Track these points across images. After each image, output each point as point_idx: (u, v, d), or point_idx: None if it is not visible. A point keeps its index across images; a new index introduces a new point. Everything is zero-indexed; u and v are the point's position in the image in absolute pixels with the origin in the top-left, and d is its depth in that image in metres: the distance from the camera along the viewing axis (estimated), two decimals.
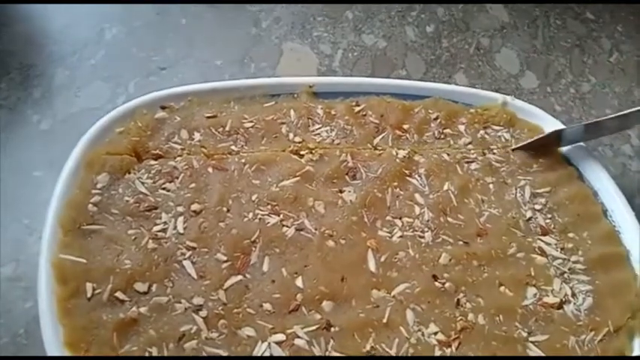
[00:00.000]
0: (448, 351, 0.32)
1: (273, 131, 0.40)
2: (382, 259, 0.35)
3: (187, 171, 0.37)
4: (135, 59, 0.47)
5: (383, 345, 0.31)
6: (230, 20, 0.52)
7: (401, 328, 0.32)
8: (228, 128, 0.40)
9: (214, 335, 0.31)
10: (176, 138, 0.39)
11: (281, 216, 0.36)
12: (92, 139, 0.37)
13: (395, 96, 0.43)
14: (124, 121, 0.39)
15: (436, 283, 0.34)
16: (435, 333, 0.32)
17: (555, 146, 0.41)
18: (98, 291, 0.31)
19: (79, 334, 0.30)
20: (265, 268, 0.33)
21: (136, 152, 0.38)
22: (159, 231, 0.34)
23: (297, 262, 0.34)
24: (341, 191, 0.38)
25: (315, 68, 0.50)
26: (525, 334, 0.33)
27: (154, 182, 0.36)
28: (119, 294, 0.31)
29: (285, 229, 0.35)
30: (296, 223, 0.35)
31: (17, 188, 0.39)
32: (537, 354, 0.32)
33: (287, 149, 0.39)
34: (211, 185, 0.36)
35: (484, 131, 0.42)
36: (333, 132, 0.40)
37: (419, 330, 0.32)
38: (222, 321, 0.31)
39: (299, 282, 0.33)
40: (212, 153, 0.38)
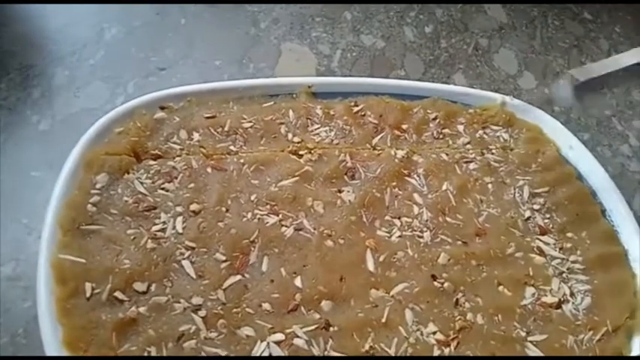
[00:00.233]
0: (447, 350, 0.32)
1: (272, 131, 0.40)
2: (381, 259, 0.35)
3: (186, 171, 0.37)
4: (134, 59, 0.47)
5: (382, 344, 0.31)
6: (229, 21, 0.52)
7: (400, 328, 0.32)
8: (227, 128, 0.40)
9: (213, 335, 0.31)
10: (175, 138, 0.39)
11: (280, 216, 0.36)
12: (91, 140, 0.37)
13: (394, 96, 0.43)
14: (123, 122, 0.39)
15: (435, 283, 0.34)
16: (434, 332, 0.32)
17: None
18: (97, 291, 0.31)
19: (78, 334, 0.30)
20: (264, 268, 0.33)
21: (135, 152, 0.38)
22: (158, 231, 0.34)
23: (296, 262, 0.34)
24: (340, 191, 0.38)
25: (313, 68, 0.50)
26: (524, 334, 0.33)
27: (153, 182, 0.36)
28: (118, 294, 0.31)
29: (284, 229, 0.35)
30: (295, 223, 0.36)
31: (16, 188, 0.39)
32: (536, 353, 0.32)
33: (286, 149, 0.39)
34: (210, 185, 0.36)
35: (483, 131, 0.42)
36: (332, 132, 0.41)
37: (418, 330, 0.32)
38: (221, 321, 0.31)
39: (298, 282, 0.33)
40: (211, 153, 0.38)
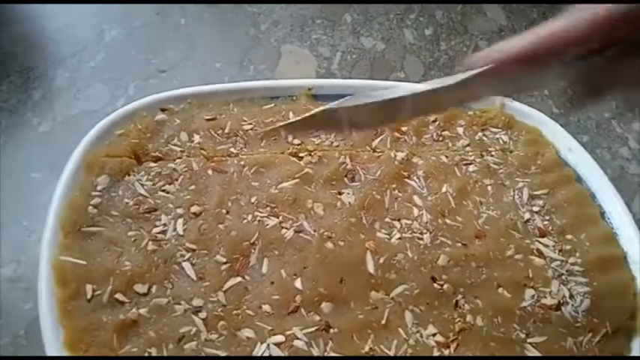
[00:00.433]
0: (446, 352, 0.32)
1: (272, 134, 0.40)
2: (381, 261, 0.35)
3: (187, 173, 0.37)
4: (134, 61, 0.48)
5: (382, 346, 0.31)
6: (229, 22, 0.52)
7: (399, 330, 0.32)
8: (227, 130, 0.40)
9: (214, 336, 0.31)
10: (176, 140, 0.39)
11: (280, 218, 0.36)
12: (92, 142, 0.37)
13: None
14: (124, 124, 0.39)
15: (435, 285, 0.34)
16: (434, 334, 0.32)
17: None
18: (98, 292, 0.31)
19: (79, 335, 0.30)
20: (264, 270, 0.34)
21: (136, 154, 0.38)
22: (158, 233, 0.34)
23: (296, 264, 0.34)
24: (340, 193, 0.38)
25: (313, 71, 0.50)
26: (523, 336, 0.33)
27: (154, 184, 0.36)
28: (119, 295, 0.31)
29: (284, 231, 0.35)
30: (295, 225, 0.36)
31: (17, 190, 0.39)
32: (536, 355, 0.32)
33: (286, 151, 0.39)
34: (211, 187, 0.37)
35: (482, 133, 0.42)
36: (332, 134, 0.41)
37: (417, 331, 0.32)
38: (221, 322, 0.31)
39: (298, 283, 0.33)
40: (211, 155, 0.38)
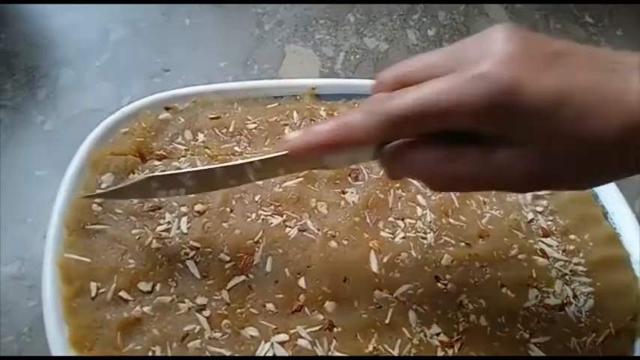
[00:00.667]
0: (450, 352, 0.32)
1: (276, 132, 0.40)
2: (385, 260, 0.35)
3: None
4: (139, 61, 0.48)
5: (385, 345, 0.31)
6: (233, 22, 0.52)
7: (403, 329, 0.32)
8: (231, 129, 0.40)
9: (218, 335, 0.31)
10: (180, 139, 0.39)
11: (284, 216, 0.36)
12: (97, 140, 0.37)
13: None
14: (129, 122, 0.39)
15: (438, 284, 0.34)
16: (438, 334, 0.32)
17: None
18: (102, 290, 0.31)
19: (84, 333, 0.30)
20: (268, 269, 0.34)
21: (140, 153, 0.38)
22: (163, 231, 0.34)
23: (299, 263, 0.34)
24: (343, 192, 0.38)
25: (317, 70, 0.50)
26: (527, 336, 0.33)
27: None
28: (123, 293, 0.31)
29: (288, 230, 0.35)
30: (299, 224, 0.36)
31: (21, 188, 0.39)
32: (539, 355, 0.32)
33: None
34: None
35: None
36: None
37: (421, 331, 0.32)
38: (225, 321, 0.31)
39: (302, 282, 0.33)
40: (216, 154, 0.38)
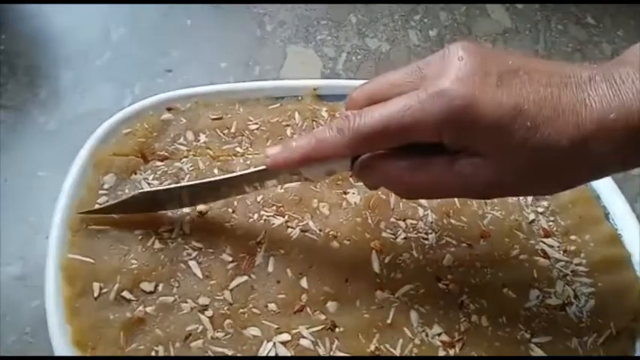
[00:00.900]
0: (452, 352, 0.32)
1: (278, 133, 0.40)
2: (386, 261, 0.35)
3: (193, 172, 0.37)
4: (141, 61, 0.48)
5: (387, 345, 0.32)
6: (235, 23, 0.52)
7: (405, 329, 0.32)
8: (233, 130, 0.40)
9: (220, 335, 0.31)
10: (182, 139, 0.39)
11: (286, 217, 0.36)
12: (99, 140, 0.37)
13: None
14: (131, 123, 0.39)
15: (440, 285, 0.34)
16: (439, 334, 0.32)
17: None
18: (105, 290, 0.31)
19: (87, 333, 0.30)
20: (270, 269, 0.34)
21: (142, 153, 0.38)
22: (165, 231, 0.34)
23: (301, 263, 0.34)
24: (345, 193, 0.38)
25: (319, 71, 0.50)
26: (528, 336, 0.33)
27: (161, 183, 0.36)
28: (126, 293, 0.32)
29: (290, 230, 0.35)
30: (301, 225, 0.36)
31: (23, 188, 0.39)
32: (540, 355, 0.32)
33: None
34: None
35: None
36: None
37: (423, 331, 0.32)
38: (227, 321, 0.31)
39: (304, 282, 0.33)
40: (217, 154, 0.38)
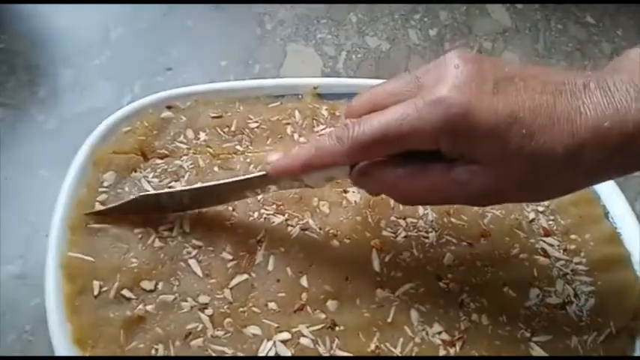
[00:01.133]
0: (452, 350, 0.32)
1: (278, 132, 0.40)
2: (386, 259, 0.35)
3: (193, 170, 0.37)
4: (140, 59, 0.48)
5: (387, 344, 0.32)
6: (235, 21, 0.52)
7: (405, 328, 0.32)
8: (233, 128, 0.40)
9: (220, 333, 0.31)
10: (182, 138, 0.39)
11: (286, 215, 0.36)
12: (99, 138, 0.37)
13: None
14: (130, 121, 0.39)
15: (440, 284, 0.34)
16: (439, 332, 0.32)
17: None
18: (105, 289, 0.31)
19: (87, 331, 0.30)
20: (270, 268, 0.34)
21: (142, 151, 0.38)
22: (165, 230, 0.34)
23: (301, 262, 0.34)
24: (345, 191, 0.38)
25: (319, 70, 0.50)
26: (528, 334, 0.33)
27: (160, 181, 0.36)
28: (126, 292, 0.31)
29: (290, 229, 0.35)
30: (301, 223, 0.36)
31: (23, 187, 0.39)
32: (540, 354, 0.32)
33: (292, 149, 0.39)
34: None
35: None
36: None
37: (423, 329, 0.32)
38: (227, 319, 0.31)
39: (304, 281, 0.33)
40: (218, 153, 0.38)
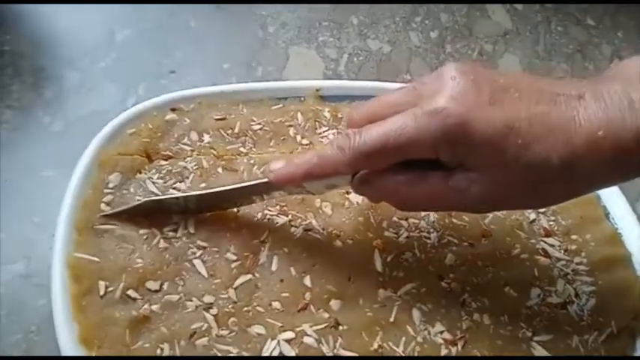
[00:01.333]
0: (454, 350, 0.32)
1: (280, 133, 0.41)
2: (389, 259, 0.35)
3: (197, 171, 0.37)
4: (145, 62, 0.48)
5: (390, 343, 0.32)
6: (237, 24, 0.53)
7: (408, 327, 0.32)
8: (236, 130, 0.40)
9: (225, 333, 0.31)
10: (186, 139, 0.39)
11: (289, 216, 0.36)
12: (104, 140, 0.37)
13: None
14: (135, 123, 0.39)
15: (442, 284, 0.34)
16: (441, 332, 0.33)
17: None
18: (111, 289, 0.32)
19: (93, 331, 0.30)
20: (274, 268, 0.34)
21: (147, 153, 0.38)
22: (170, 230, 0.34)
23: (305, 262, 0.34)
24: (347, 193, 0.38)
25: (321, 72, 0.50)
26: (530, 334, 0.33)
27: (165, 182, 0.37)
28: (131, 292, 0.32)
29: (293, 230, 0.36)
30: (304, 224, 0.36)
31: (28, 188, 0.40)
32: (542, 353, 0.32)
33: (295, 151, 0.40)
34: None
35: None
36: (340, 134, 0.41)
37: (425, 329, 0.33)
38: (232, 319, 0.32)
39: (307, 281, 0.34)
40: (222, 154, 0.39)
